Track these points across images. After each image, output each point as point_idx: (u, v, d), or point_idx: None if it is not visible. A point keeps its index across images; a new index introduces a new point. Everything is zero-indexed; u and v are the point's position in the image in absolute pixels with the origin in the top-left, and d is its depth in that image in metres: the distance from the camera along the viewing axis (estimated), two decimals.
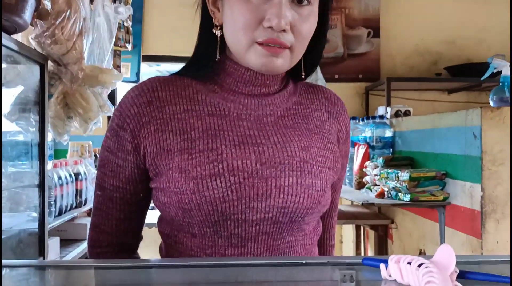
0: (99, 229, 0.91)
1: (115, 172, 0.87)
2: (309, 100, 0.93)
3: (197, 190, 0.79)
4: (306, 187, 0.83)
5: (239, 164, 0.81)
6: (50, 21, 1.52)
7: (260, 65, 0.81)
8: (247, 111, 0.86)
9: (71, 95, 1.77)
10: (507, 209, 1.83)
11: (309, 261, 0.81)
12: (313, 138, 0.88)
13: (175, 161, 0.81)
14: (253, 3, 0.78)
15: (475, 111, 1.83)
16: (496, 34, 3.83)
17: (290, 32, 0.80)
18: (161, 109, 0.85)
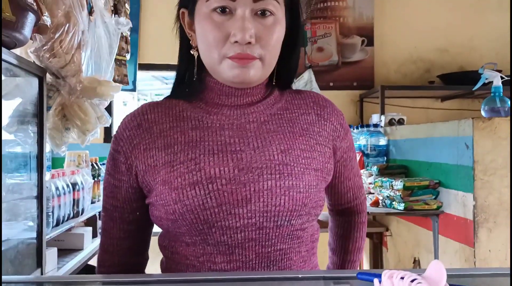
0: (104, 249, 0.96)
1: (113, 193, 0.92)
2: (295, 106, 0.95)
3: (178, 200, 0.83)
4: (286, 189, 0.84)
5: (217, 171, 0.83)
6: (49, 35, 1.54)
7: (232, 77, 0.85)
8: (229, 121, 0.89)
9: (69, 107, 1.79)
10: (498, 218, 1.86)
11: (305, 275, 0.82)
12: (297, 141, 0.90)
13: (160, 175, 0.85)
14: (217, 19, 0.83)
15: (467, 121, 1.86)
16: (488, 42, 3.88)
17: (257, 44, 0.84)
18: (149, 129, 0.89)
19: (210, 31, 0.84)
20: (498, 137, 1.81)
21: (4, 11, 1.11)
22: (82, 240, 2.32)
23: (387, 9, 3.82)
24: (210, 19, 0.83)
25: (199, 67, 0.91)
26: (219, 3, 0.82)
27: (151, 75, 5.92)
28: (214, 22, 0.83)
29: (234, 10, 0.83)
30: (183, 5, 0.91)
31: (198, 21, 0.86)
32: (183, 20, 0.92)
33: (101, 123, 1.88)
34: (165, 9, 3.77)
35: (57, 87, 1.77)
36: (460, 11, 3.88)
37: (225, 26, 0.83)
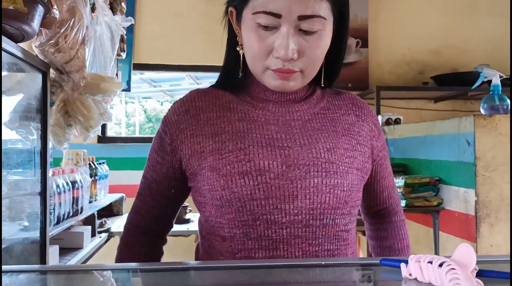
0: (136, 210, 1.02)
1: (155, 167, 0.97)
2: (336, 106, 0.98)
3: (227, 187, 0.84)
4: (332, 187, 0.86)
5: (266, 164, 0.85)
6: (54, 30, 1.53)
7: (273, 87, 0.89)
8: (275, 117, 0.92)
9: (72, 103, 1.78)
10: (500, 213, 1.89)
11: (328, 263, 0.83)
12: (340, 140, 0.92)
13: (207, 161, 0.88)
14: (262, 33, 0.84)
15: (468, 118, 1.89)
16: (480, 44, 3.94)
17: (299, 59, 0.85)
18: (197, 116, 0.93)
19: (255, 44, 0.85)
20: (499, 134, 1.84)
21: (16, 2, 1.10)
22: (82, 239, 2.30)
23: (381, 12, 3.86)
24: (255, 31, 0.85)
25: (245, 63, 0.93)
26: (264, 22, 0.83)
27: (139, 78, 5.90)
28: (259, 35, 0.85)
29: (279, 25, 0.83)
30: (231, 4, 0.92)
31: (244, 29, 0.88)
32: (232, 17, 0.93)
33: (104, 119, 1.87)
34: (160, 9, 3.79)
35: (60, 82, 1.75)
36: (453, 14, 3.93)
37: (269, 40, 0.84)
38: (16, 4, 1.09)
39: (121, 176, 3.57)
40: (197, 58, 3.71)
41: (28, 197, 1.70)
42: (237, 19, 0.91)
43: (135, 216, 1.03)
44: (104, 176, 3.02)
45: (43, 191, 1.71)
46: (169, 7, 3.70)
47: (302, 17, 0.82)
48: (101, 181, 2.94)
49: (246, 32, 0.87)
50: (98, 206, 2.66)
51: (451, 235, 2.10)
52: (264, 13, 0.82)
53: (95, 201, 2.75)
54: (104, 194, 3.02)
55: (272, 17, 0.82)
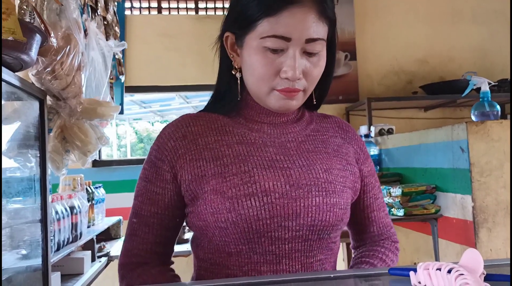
0: (131, 253, 0.96)
1: (153, 200, 0.94)
2: (324, 128, 1.02)
3: (233, 209, 0.86)
4: (331, 206, 0.90)
5: (271, 185, 0.88)
6: (50, 57, 1.55)
7: (278, 107, 0.92)
8: (271, 139, 0.95)
9: (69, 128, 1.79)
10: (497, 218, 1.91)
11: (337, 275, 0.84)
12: (333, 161, 0.96)
13: (210, 184, 0.88)
14: (270, 56, 0.87)
15: (460, 126, 1.92)
16: (465, 52, 4.01)
17: (304, 78, 0.89)
18: (195, 141, 0.94)
19: (262, 66, 0.88)
20: (491, 139, 1.87)
21: (15, 32, 1.12)
22: (82, 264, 2.28)
23: (367, 24, 3.93)
24: (263, 54, 0.87)
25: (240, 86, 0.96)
26: (273, 45, 0.86)
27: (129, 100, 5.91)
28: (266, 58, 0.87)
29: (286, 48, 0.87)
30: (229, 29, 0.95)
31: (248, 53, 0.90)
32: (226, 42, 0.96)
33: (102, 143, 1.87)
34: (150, 31, 3.82)
35: (57, 109, 1.76)
36: (437, 23, 4.01)
37: (277, 62, 0.87)
38: (16, 34, 1.11)
39: (117, 199, 3.56)
40: (187, 78, 3.74)
41: (28, 225, 1.70)
42: (237, 44, 0.93)
43: (136, 259, 0.96)
44: (101, 200, 3.01)
45: (43, 218, 1.71)
46: (158, 29, 3.73)
47: (309, 40, 0.86)
48: (98, 205, 2.93)
49: (251, 55, 0.89)
50: (96, 230, 2.65)
51: (450, 242, 2.12)
52: (274, 37, 0.86)
53: (93, 226, 2.74)
54: (101, 218, 3.01)
55: (281, 40, 0.86)
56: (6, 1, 1.11)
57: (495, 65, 3.98)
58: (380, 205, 1.05)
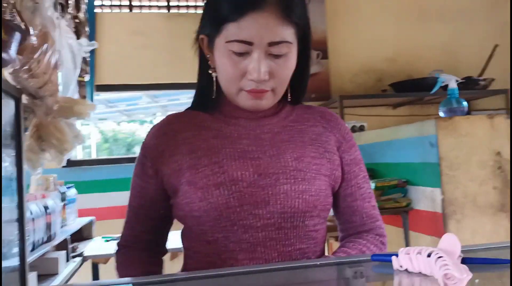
0: (123, 238, 1.08)
1: (141, 193, 1.02)
2: (304, 119, 1.04)
3: (204, 198, 0.91)
4: (300, 193, 0.93)
5: (239, 174, 0.92)
6: (27, 55, 1.53)
7: (248, 106, 0.96)
8: (246, 131, 0.99)
9: (45, 127, 1.77)
10: (465, 210, 2.00)
11: (323, 262, 0.88)
12: (307, 149, 0.98)
13: (184, 176, 0.94)
14: (235, 59, 0.91)
15: (430, 122, 2.00)
16: (432, 50, 4.13)
17: (271, 79, 0.92)
18: (174, 137, 0.99)
19: (229, 67, 0.92)
20: (459, 135, 1.95)
21: None
22: (57, 265, 2.26)
23: (338, 23, 4.00)
24: (229, 57, 0.91)
25: (217, 84, 0.99)
26: (237, 49, 0.90)
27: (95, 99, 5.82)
28: (232, 60, 0.91)
29: (251, 51, 0.90)
30: (202, 32, 0.99)
31: (218, 55, 0.94)
32: (202, 44, 0.99)
33: (78, 142, 1.87)
34: (120, 29, 3.78)
35: (33, 108, 1.75)
36: (405, 22, 4.11)
37: (242, 65, 0.91)
38: None
39: (89, 199, 3.53)
40: (159, 76, 3.73)
41: (4, 225, 1.68)
42: (209, 46, 0.97)
43: (125, 243, 1.08)
44: (73, 200, 2.98)
45: (20, 218, 1.69)
46: (129, 27, 3.70)
47: (271, 43, 0.89)
48: (70, 206, 2.90)
49: (220, 57, 0.93)
50: (69, 230, 2.63)
51: (421, 234, 2.20)
52: (237, 42, 0.89)
53: (66, 226, 2.72)
54: (73, 218, 2.98)
55: (244, 44, 0.89)
56: None
57: (460, 63, 4.11)
58: (365, 195, 1.04)
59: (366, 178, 1.07)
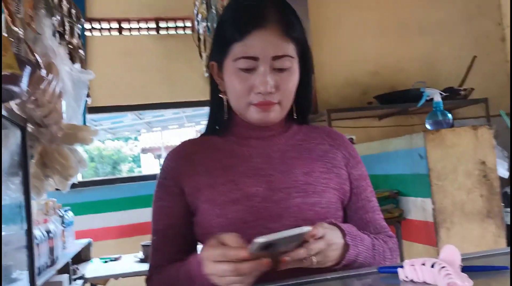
0: (156, 266, 1.05)
1: (167, 214, 1.05)
2: (312, 137, 1.12)
3: (221, 214, 0.98)
4: (311, 205, 1.00)
5: (253, 190, 0.99)
6: (33, 86, 1.59)
7: (257, 120, 1.03)
8: (257, 151, 1.06)
9: (50, 154, 1.83)
10: (454, 218, 2.09)
11: (334, 276, 0.95)
12: (316, 164, 1.06)
13: (203, 195, 1.01)
14: (243, 75, 0.99)
15: (418, 135, 2.10)
16: (413, 62, 4.25)
17: (277, 92, 1.00)
18: (191, 160, 1.06)
19: (238, 84, 1.00)
20: (446, 146, 2.06)
21: (13, 67, 1.18)
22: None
23: (322, 38, 4.11)
24: (237, 75, 1.00)
25: (228, 107, 1.07)
26: (244, 65, 0.98)
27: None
28: (240, 77, 1.00)
29: (257, 67, 0.98)
30: (213, 59, 1.08)
31: (227, 75, 1.03)
32: (213, 70, 1.08)
33: (82, 167, 1.92)
34: (112, 52, 3.84)
35: (37, 136, 1.80)
36: (386, 36, 4.24)
37: (250, 80, 0.99)
38: (13, 69, 1.17)
39: (84, 220, 3.55)
40: (150, 96, 3.79)
41: (14, 251, 1.72)
42: (219, 70, 1.06)
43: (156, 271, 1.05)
44: (70, 222, 3.02)
45: (29, 244, 1.74)
46: (119, 49, 3.77)
47: (275, 57, 0.98)
48: (68, 228, 2.93)
49: (229, 76, 1.02)
50: (70, 254, 2.66)
51: (413, 242, 2.29)
52: (244, 58, 0.98)
53: (65, 249, 2.75)
54: (72, 241, 3.01)
55: (250, 60, 0.98)
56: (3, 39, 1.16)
57: (440, 74, 4.24)
58: (375, 207, 1.10)
59: (373, 192, 1.14)
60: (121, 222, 3.67)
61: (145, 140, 12.78)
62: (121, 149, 15.37)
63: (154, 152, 12.87)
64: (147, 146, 12.96)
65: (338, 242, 0.94)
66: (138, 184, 3.74)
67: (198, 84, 3.60)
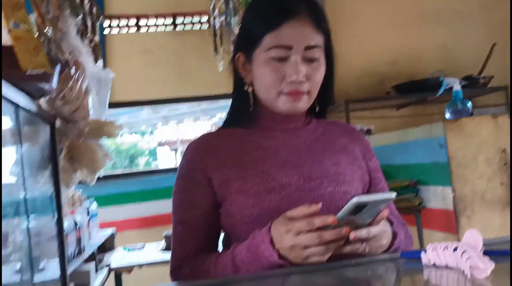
0: (181, 257, 1.07)
1: (194, 205, 1.07)
2: (331, 131, 1.17)
3: (256, 204, 1.00)
4: (342, 194, 1.04)
5: (287, 180, 1.02)
6: (62, 84, 1.65)
7: (286, 109, 1.05)
8: (283, 143, 1.10)
9: (77, 149, 1.89)
10: (474, 206, 2.11)
11: (357, 261, 0.98)
12: (341, 156, 1.10)
13: (233, 186, 1.03)
14: (275, 65, 1.02)
15: (438, 124, 2.11)
16: (431, 52, 4.23)
17: (307, 82, 1.03)
18: (217, 152, 1.08)
19: (270, 73, 1.03)
20: (466, 135, 2.07)
21: (45, 65, 1.23)
22: (89, 277, 2.37)
23: (339, 30, 4.09)
24: (269, 64, 1.03)
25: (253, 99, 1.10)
26: (277, 54, 1.01)
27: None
28: (272, 66, 1.02)
29: (289, 56, 1.01)
30: (240, 50, 1.10)
31: (257, 65, 1.05)
32: (238, 62, 1.10)
33: (108, 160, 1.98)
34: (130, 49, 3.90)
35: (65, 131, 1.86)
36: (404, 26, 4.22)
37: (282, 69, 1.02)
38: (46, 68, 1.22)
39: (107, 212, 3.64)
40: (168, 91, 3.85)
41: (45, 241, 1.79)
42: (247, 61, 1.08)
43: (181, 262, 1.06)
44: (95, 214, 3.10)
45: (59, 234, 1.80)
46: (137, 46, 3.83)
47: (307, 47, 1.01)
48: (92, 219, 3.01)
49: (259, 67, 1.04)
50: (95, 244, 2.74)
51: (434, 231, 2.30)
52: (277, 47, 1.01)
53: (91, 239, 2.83)
54: (96, 231, 3.09)
55: (284, 49, 1.01)
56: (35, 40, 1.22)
57: (458, 62, 4.21)
58: None
59: (386, 183, 1.20)
60: (142, 214, 3.75)
61: (161, 134, 12.90)
62: (137, 143, 15.54)
63: (170, 145, 12.98)
64: (163, 140, 13.08)
65: (388, 230, 0.99)
66: (157, 177, 3.81)
67: (213, 78, 3.63)
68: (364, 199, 0.85)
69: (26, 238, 1.72)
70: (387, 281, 0.91)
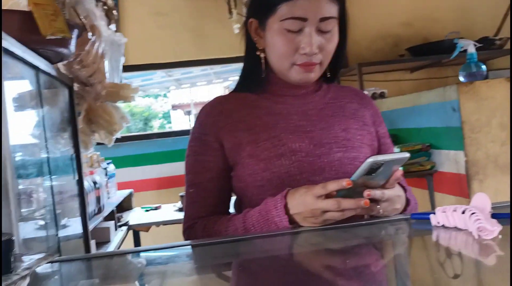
0: (193, 217, 1.11)
1: (207, 168, 1.09)
2: (342, 96, 1.18)
3: (267, 168, 1.03)
4: (351, 160, 1.07)
5: (297, 146, 1.05)
6: (79, 48, 1.67)
7: (299, 80, 1.07)
8: (294, 109, 1.11)
9: (95, 111, 1.93)
10: (487, 170, 2.12)
11: (368, 221, 1.02)
12: (350, 122, 1.12)
13: (245, 150, 1.06)
14: (289, 35, 1.02)
15: (452, 87, 2.10)
16: (448, 12, 4.14)
17: (320, 53, 1.04)
18: (230, 116, 1.10)
19: (283, 45, 1.04)
20: (480, 99, 2.06)
21: (64, 31, 1.25)
22: (109, 233, 2.47)
23: None
24: (283, 35, 1.03)
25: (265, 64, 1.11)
26: (292, 26, 1.02)
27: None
28: (286, 37, 1.03)
29: (303, 28, 1.02)
30: (252, 15, 1.10)
31: (270, 34, 1.05)
32: (251, 27, 1.11)
33: (125, 122, 2.02)
34: (142, 10, 3.87)
35: (83, 94, 1.90)
36: None
37: (296, 41, 1.03)
38: (64, 33, 1.24)
39: (124, 173, 3.72)
40: (182, 54, 3.84)
41: (68, 199, 1.86)
42: (259, 28, 1.09)
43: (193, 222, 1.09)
44: (112, 174, 3.18)
45: (80, 192, 1.88)
46: (151, 8, 3.80)
47: (322, 19, 1.01)
48: (110, 180, 3.09)
49: (273, 36, 1.05)
50: (114, 203, 2.82)
51: (445, 194, 2.33)
52: (292, 19, 1.01)
53: (109, 199, 2.91)
54: (114, 191, 3.18)
55: (298, 21, 1.01)
56: (53, 5, 1.23)
57: (475, 23, 4.12)
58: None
59: (394, 149, 1.23)
60: (158, 175, 3.83)
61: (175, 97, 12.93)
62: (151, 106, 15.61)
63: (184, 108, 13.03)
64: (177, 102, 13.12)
65: (402, 195, 1.02)
66: (172, 139, 3.87)
67: (227, 41, 3.62)
68: (379, 159, 0.87)
69: (49, 197, 1.79)
70: (397, 241, 0.94)
